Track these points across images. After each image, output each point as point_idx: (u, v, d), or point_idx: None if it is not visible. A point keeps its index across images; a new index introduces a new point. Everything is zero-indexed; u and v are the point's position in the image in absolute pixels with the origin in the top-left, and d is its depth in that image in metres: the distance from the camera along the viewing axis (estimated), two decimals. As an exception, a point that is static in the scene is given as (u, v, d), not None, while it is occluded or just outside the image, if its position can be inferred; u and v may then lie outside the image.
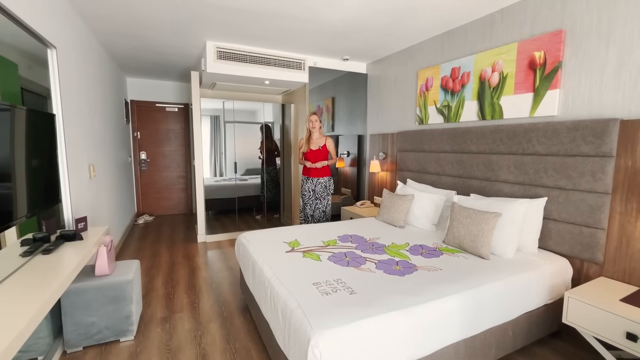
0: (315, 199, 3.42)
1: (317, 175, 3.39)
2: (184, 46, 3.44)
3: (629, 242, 1.79)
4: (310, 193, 3.43)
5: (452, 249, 2.18)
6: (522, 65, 2.29)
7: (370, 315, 1.32)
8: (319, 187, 3.39)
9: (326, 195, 3.42)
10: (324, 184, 3.40)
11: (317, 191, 3.40)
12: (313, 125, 3.33)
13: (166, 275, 3.01)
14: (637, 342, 1.43)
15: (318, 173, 3.38)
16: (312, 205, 3.44)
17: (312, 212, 3.45)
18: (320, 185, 3.39)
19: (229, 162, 4.56)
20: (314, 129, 3.34)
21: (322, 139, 3.39)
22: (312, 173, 3.40)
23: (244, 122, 4.62)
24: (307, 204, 3.46)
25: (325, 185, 3.40)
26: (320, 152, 3.37)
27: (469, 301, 1.56)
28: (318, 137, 3.39)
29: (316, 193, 3.41)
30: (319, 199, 3.42)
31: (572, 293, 1.68)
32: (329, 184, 3.43)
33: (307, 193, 3.45)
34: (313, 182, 3.41)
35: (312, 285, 1.59)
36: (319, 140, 3.39)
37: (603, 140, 1.83)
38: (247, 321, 2.24)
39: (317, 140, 3.39)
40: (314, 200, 3.43)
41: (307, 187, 3.44)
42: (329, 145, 3.39)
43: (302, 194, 3.49)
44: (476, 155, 2.62)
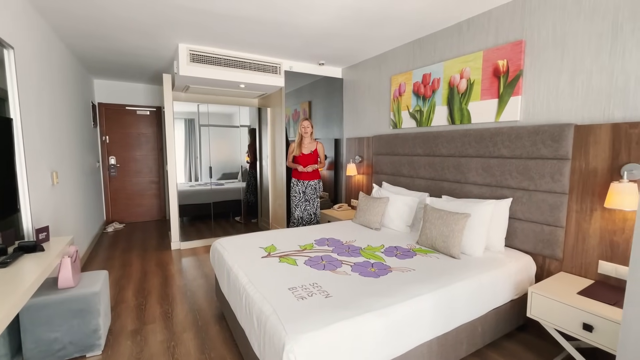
0: (305, 201, 3.50)
1: (308, 178, 3.49)
2: (154, 48, 3.35)
3: (585, 238, 1.92)
4: (300, 195, 3.50)
5: (425, 249, 2.25)
6: (488, 72, 2.42)
7: (345, 318, 1.33)
8: (309, 190, 3.49)
9: (315, 197, 3.52)
10: (314, 186, 3.50)
11: (307, 193, 3.49)
12: (305, 131, 3.45)
13: (137, 285, 2.89)
14: (592, 332, 1.53)
15: (309, 176, 3.49)
16: (301, 207, 3.51)
17: (301, 215, 3.51)
18: (310, 187, 3.49)
19: (205, 166, 4.47)
20: (306, 134, 3.44)
21: (313, 144, 3.51)
22: (302, 176, 3.48)
23: (220, 126, 4.55)
24: (297, 207, 3.51)
25: (315, 188, 3.51)
26: (312, 156, 3.48)
27: (441, 300, 1.61)
28: (309, 141, 3.49)
29: (306, 195, 3.49)
30: (308, 201, 3.51)
31: (535, 288, 1.77)
32: (318, 186, 3.53)
33: (297, 195, 3.51)
34: (304, 184, 3.49)
35: (288, 290, 1.59)
36: (310, 144, 3.50)
37: (560, 144, 1.96)
38: (222, 329, 2.19)
39: (308, 145, 3.49)
40: (303, 202, 3.50)
41: (297, 189, 3.51)
42: (319, 150, 3.52)
43: (292, 196, 3.54)
44: (447, 158, 2.72)
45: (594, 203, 1.87)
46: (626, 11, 1.74)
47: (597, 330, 1.52)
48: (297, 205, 3.51)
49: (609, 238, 1.82)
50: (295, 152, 3.50)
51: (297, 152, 3.47)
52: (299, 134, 3.48)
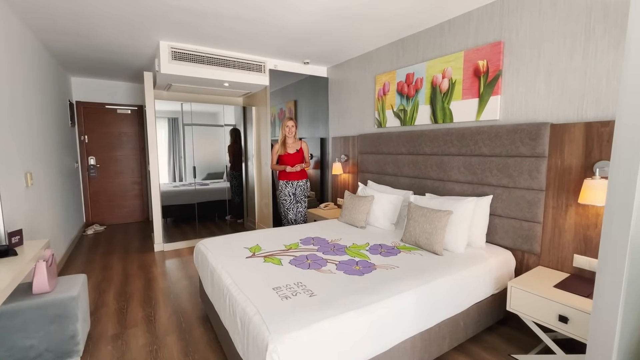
0: (296, 202, 3.45)
1: (296, 178, 3.43)
2: (135, 45, 3.26)
3: (561, 233, 1.99)
4: (291, 197, 3.43)
5: (409, 246, 2.28)
6: (469, 72, 2.47)
7: (329, 317, 1.34)
8: (298, 190, 3.44)
9: (304, 197, 3.48)
10: (303, 187, 3.46)
11: (297, 194, 3.44)
12: (290, 131, 3.37)
13: (118, 289, 2.82)
14: (567, 323, 1.59)
15: (297, 176, 3.43)
16: (294, 210, 3.45)
17: (294, 217, 3.45)
18: (299, 188, 3.44)
19: (189, 166, 4.39)
20: (290, 135, 3.38)
21: (297, 143, 3.46)
22: (291, 176, 3.41)
23: (204, 125, 4.48)
24: (290, 209, 3.44)
25: (303, 188, 3.46)
26: (298, 155, 3.43)
27: (424, 296, 1.64)
28: (293, 141, 3.44)
29: (296, 196, 3.44)
30: (299, 202, 3.46)
31: (514, 283, 1.83)
32: (306, 186, 3.49)
33: (287, 198, 3.43)
34: (293, 185, 3.43)
35: (272, 290, 1.58)
36: (294, 144, 3.45)
37: (537, 142, 2.02)
38: (207, 331, 2.16)
39: (293, 144, 3.44)
40: (294, 204, 3.45)
41: (287, 191, 3.43)
42: (304, 149, 3.48)
43: (283, 200, 3.44)
44: (430, 157, 2.76)
45: (569, 199, 1.93)
46: (598, 12, 1.80)
47: (571, 321, 1.58)
48: (290, 208, 3.43)
49: (583, 233, 1.89)
50: (279, 152, 3.44)
51: (282, 152, 3.42)
52: (282, 133, 3.43)
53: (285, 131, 3.38)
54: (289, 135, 3.38)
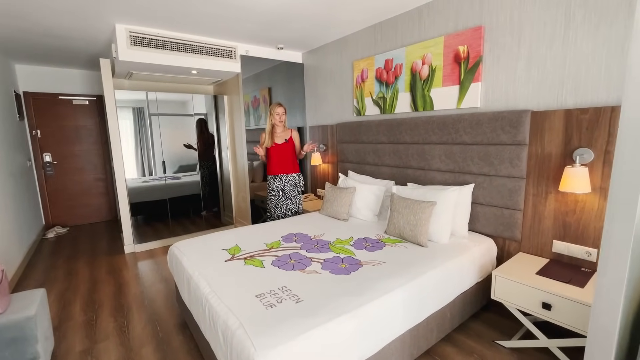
0: (286, 199, 3.16)
1: (285, 171, 3.12)
2: (87, 30, 2.92)
3: (540, 220, 2.01)
4: (279, 193, 3.14)
5: (394, 239, 2.24)
6: (449, 58, 2.40)
7: (318, 325, 1.26)
8: (288, 185, 3.14)
9: (297, 194, 3.19)
10: (294, 181, 3.15)
11: (286, 190, 3.14)
12: (280, 119, 3.01)
13: (86, 298, 2.61)
14: (550, 310, 1.62)
15: (286, 169, 3.12)
16: (282, 206, 3.16)
17: (282, 214, 3.17)
18: (289, 182, 3.13)
19: (158, 159, 4.11)
20: (281, 123, 3.04)
21: (287, 132, 3.13)
22: (278, 170, 3.11)
23: (173, 115, 4.18)
24: (277, 206, 3.16)
25: (295, 183, 3.16)
26: (287, 146, 3.10)
27: (412, 292, 1.61)
28: (282, 130, 3.11)
29: (286, 192, 3.14)
30: (289, 199, 3.16)
31: (498, 272, 1.84)
32: (298, 180, 3.19)
33: (275, 194, 3.15)
34: (282, 180, 3.13)
35: (255, 297, 1.48)
36: (283, 133, 3.11)
37: (518, 130, 2.01)
38: (186, 339, 2.04)
39: (282, 134, 3.10)
40: (284, 200, 3.16)
41: (275, 186, 3.14)
42: (295, 138, 3.15)
43: (271, 196, 3.18)
44: (411, 146, 2.72)
45: (549, 186, 1.95)
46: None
47: (555, 308, 1.60)
48: (277, 205, 3.15)
49: (562, 219, 1.92)
50: (266, 143, 3.07)
51: (269, 143, 3.08)
52: (269, 122, 3.06)
53: (275, 120, 3.00)
54: (278, 123, 3.04)
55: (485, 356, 1.81)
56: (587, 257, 1.83)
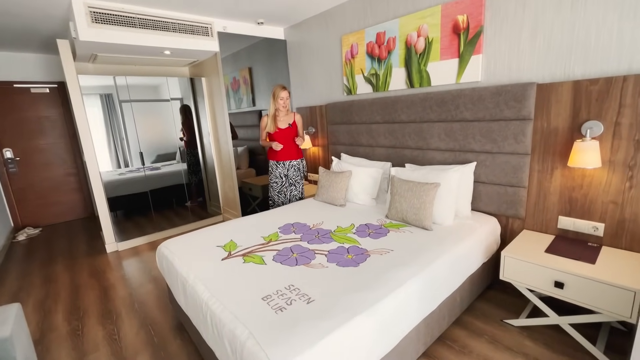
0: (290, 185, 3.03)
1: (289, 157, 2.96)
2: (37, 5, 2.54)
3: (545, 196, 1.97)
4: (282, 179, 3.01)
5: (397, 223, 2.16)
6: (447, 29, 2.25)
7: (335, 328, 1.16)
8: (292, 171, 3.00)
9: (300, 179, 3.06)
10: (297, 167, 3.02)
11: (290, 176, 3.01)
12: (285, 104, 2.82)
13: (69, 306, 2.41)
14: (563, 288, 1.59)
15: (289, 155, 2.96)
16: (286, 192, 3.04)
17: (286, 201, 3.06)
18: (293, 168, 3.00)
19: (134, 149, 3.81)
20: (285, 108, 2.85)
21: (290, 115, 2.95)
22: (282, 156, 2.96)
23: (146, 101, 3.85)
24: (281, 193, 3.03)
25: (298, 168, 3.03)
26: (291, 131, 2.92)
27: (426, 282, 1.53)
28: (285, 114, 2.91)
29: (289, 178, 3.01)
30: (293, 185, 3.04)
31: (507, 252, 1.79)
32: (302, 165, 3.06)
33: (278, 180, 3.01)
34: (285, 166, 2.98)
35: (262, 300, 1.35)
36: (286, 117, 2.93)
37: (522, 104, 1.92)
38: (185, 343, 1.92)
39: (285, 118, 2.91)
40: (287, 187, 3.03)
41: (278, 172, 3.00)
42: (298, 122, 2.98)
43: (273, 182, 3.03)
44: (407, 125, 2.60)
45: (555, 162, 1.90)
46: (589, -42, 1.65)
47: (567, 286, 1.58)
48: (280, 192, 3.02)
49: (568, 194, 1.88)
50: (269, 128, 2.90)
51: (272, 128, 2.88)
52: (272, 106, 2.85)
53: (279, 104, 2.81)
54: (283, 108, 2.84)
55: (496, 336, 1.80)
56: (594, 231, 1.81)
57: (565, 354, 1.64)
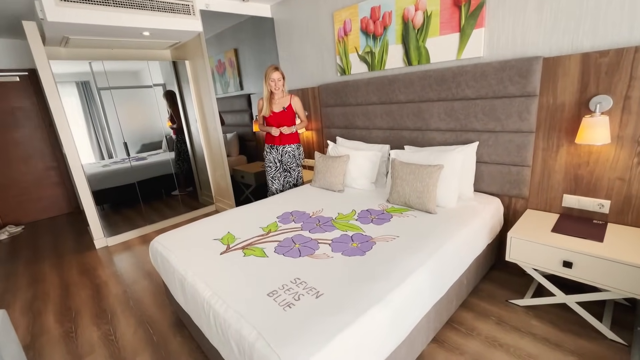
0: (284, 171, 2.93)
1: (283, 142, 2.83)
2: (-3, -19, 2.28)
3: (550, 174, 1.93)
4: (276, 164, 2.90)
5: (399, 208, 2.10)
6: (447, 2, 2.13)
7: (349, 323, 1.10)
8: (286, 157, 2.87)
9: (296, 166, 2.93)
10: (292, 153, 2.88)
11: (284, 162, 2.89)
12: (276, 86, 2.68)
13: (59, 306, 2.30)
14: (572, 268, 1.57)
15: (284, 140, 2.83)
16: (280, 179, 2.94)
17: (281, 188, 2.96)
18: (287, 154, 2.87)
19: (117, 139, 3.61)
20: (277, 90, 2.71)
21: (286, 98, 2.80)
22: (276, 141, 2.83)
23: (127, 87, 3.62)
24: (275, 179, 2.93)
25: (293, 154, 2.88)
26: (286, 115, 2.79)
27: (435, 267, 1.49)
28: (281, 96, 2.77)
29: (284, 164, 2.90)
30: (287, 171, 2.93)
31: (513, 233, 1.76)
32: (297, 152, 2.91)
33: (272, 165, 2.90)
34: (278, 151, 2.86)
35: (267, 296, 1.28)
36: (282, 100, 2.78)
37: (528, 80, 1.84)
38: (185, 339, 1.85)
39: (280, 101, 2.78)
40: (281, 172, 2.93)
41: (271, 157, 2.89)
42: (295, 105, 2.82)
43: (267, 167, 2.93)
44: (405, 105, 2.50)
45: (561, 139, 1.85)
46: None
47: (576, 265, 1.56)
48: (274, 178, 2.93)
49: (573, 172, 1.84)
50: (264, 112, 2.78)
51: (267, 112, 2.76)
52: (266, 89, 2.72)
53: (271, 86, 2.68)
54: (275, 90, 2.71)
55: (503, 317, 1.79)
56: (599, 209, 1.79)
57: (572, 331, 1.65)
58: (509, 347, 1.59)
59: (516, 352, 1.56)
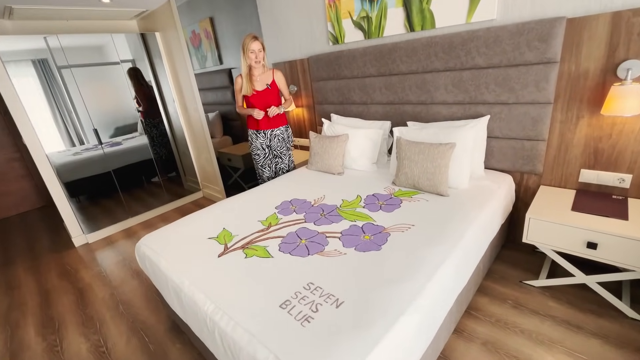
0: (274, 157, 2.66)
1: (270, 125, 2.53)
2: None
3: (568, 148, 1.81)
4: (265, 151, 2.61)
5: (407, 191, 1.95)
6: (456, -45, 1.87)
7: (381, 338, 0.96)
8: (275, 141, 2.59)
9: (287, 150, 2.66)
10: (281, 136, 2.60)
11: (273, 147, 2.61)
12: (257, 58, 2.29)
13: (39, 316, 2.09)
14: (596, 249, 1.49)
15: (271, 123, 2.53)
16: (270, 165, 2.68)
17: (273, 175, 2.71)
18: (276, 138, 2.58)
19: (86, 123, 3.24)
20: (258, 63, 2.33)
21: (268, 74, 2.45)
22: (262, 124, 2.52)
23: (91, 65, 3.21)
24: (265, 166, 2.66)
25: (282, 138, 2.61)
26: (270, 93, 2.45)
27: (460, 259, 1.37)
28: (262, 72, 2.42)
29: (273, 149, 2.63)
30: (279, 157, 2.66)
31: (532, 214, 1.65)
32: (287, 134, 2.63)
33: (260, 152, 2.61)
34: (266, 135, 2.56)
35: (280, 308, 1.12)
36: (264, 76, 2.43)
37: (548, 45, 1.66)
38: (185, 346, 1.70)
39: (261, 77, 2.42)
40: (272, 159, 2.66)
41: (258, 143, 2.58)
42: (279, 81, 2.49)
43: (255, 154, 2.64)
44: (408, 77, 2.29)
45: (581, 110, 1.71)
46: None
47: (601, 246, 1.48)
48: (264, 165, 2.65)
49: (593, 145, 1.72)
50: (245, 91, 2.42)
51: (248, 90, 2.40)
52: (245, 63, 2.35)
53: (250, 59, 2.29)
54: (255, 64, 2.33)
55: (519, 300, 1.73)
56: (619, 183, 1.70)
57: (591, 311, 1.60)
58: (530, 332, 1.53)
59: (538, 337, 1.50)
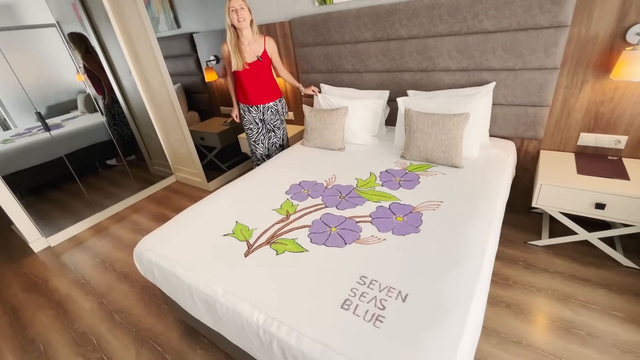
0: (268, 132, 2.46)
1: (263, 100, 2.31)
2: None
3: (570, 113, 1.87)
4: (258, 125, 2.40)
5: (420, 164, 1.91)
6: None
7: (463, 328, 0.94)
8: (268, 114, 2.38)
9: (280, 123, 2.47)
10: (275, 109, 2.38)
11: (267, 120, 2.40)
12: (240, 16, 1.98)
13: (17, 340, 1.79)
14: (604, 209, 1.60)
15: (263, 97, 2.30)
16: (264, 141, 2.47)
17: (266, 152, 2.52)
18: (270, 110, 2.37)
19: (8, 102, 2.66)
20: (243, 23, 2.01)
21: (259, 42, 2.15)
22: (253, 99, 2.29)
23: (4, 29, 2.56)
24: (258, 142, 2.46)
25: (276, 110, 2.39)
26: (262, 65, 2.20)
27: (496, 230, 1.38)
28: (252, 39, 2.13)
29: (267, 123, 2.42)
30: (272, 130, 2.46)
31: (543, 180, 1.72)
32: (280, 106, 2.42)
33: (253, 126, 2.40)
34: (259, 110, 2.34)
35: (342, 310, 1.04)
36: (254, 44, 2.13)
37: (561, 7, 1.63)
38: (209, 350, 1.58)
39: (252, 46, 2.13)
40: (265, 134, 2.46)
41: (250, 117, 2.37)
42: (271, 52, 2.22)
43: (247, 129, 2.43)
44: (407, 42, 2.15)
45: (587, 75, 1.74)
46: None
47: (608, 206, 1.59)
48: (258, 141, 2.47)
49: (594, 110, 1.79)
50: (235, 66, 2.13)
51: (238, 65, 2.12)
52: (229, 30, 2.05)
53: (233, 19, 1.98)
54: (239, 24, 2.00)
55: (529, 260, 1.84)
56: (615, 145, 1.81)
57: (592, 264, 1.76)
58: (546, 290, 1.65)
59: (554, 294, 1.62)
